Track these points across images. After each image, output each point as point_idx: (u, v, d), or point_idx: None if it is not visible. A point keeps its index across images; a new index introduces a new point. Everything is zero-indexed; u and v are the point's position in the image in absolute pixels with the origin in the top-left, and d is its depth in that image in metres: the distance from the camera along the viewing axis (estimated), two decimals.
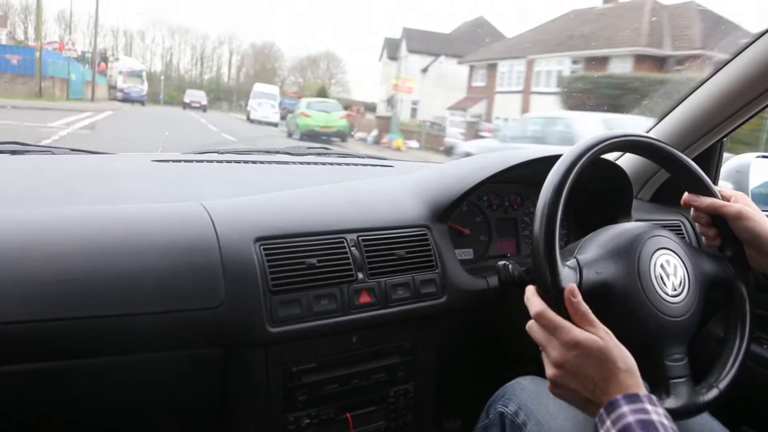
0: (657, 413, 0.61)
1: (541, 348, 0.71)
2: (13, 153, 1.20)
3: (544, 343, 0.70)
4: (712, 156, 1.40)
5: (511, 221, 1.30)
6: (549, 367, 0.69)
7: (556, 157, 0.77)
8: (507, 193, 1.30)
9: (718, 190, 0.85)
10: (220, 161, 1.38)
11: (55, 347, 0.73)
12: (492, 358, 1.24)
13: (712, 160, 1.41)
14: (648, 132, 1.39)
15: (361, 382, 0.98)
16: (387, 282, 0.96)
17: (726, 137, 1.32)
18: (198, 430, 0.94)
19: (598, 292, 0.73)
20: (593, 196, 1.20)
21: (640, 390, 0.63)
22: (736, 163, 1.46)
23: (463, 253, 1.21)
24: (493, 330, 1.16)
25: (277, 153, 1.56)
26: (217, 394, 0.88)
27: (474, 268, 1.12)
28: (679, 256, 0.79)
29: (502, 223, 1.28)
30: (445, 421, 1.34)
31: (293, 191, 1.07)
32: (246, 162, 1.39)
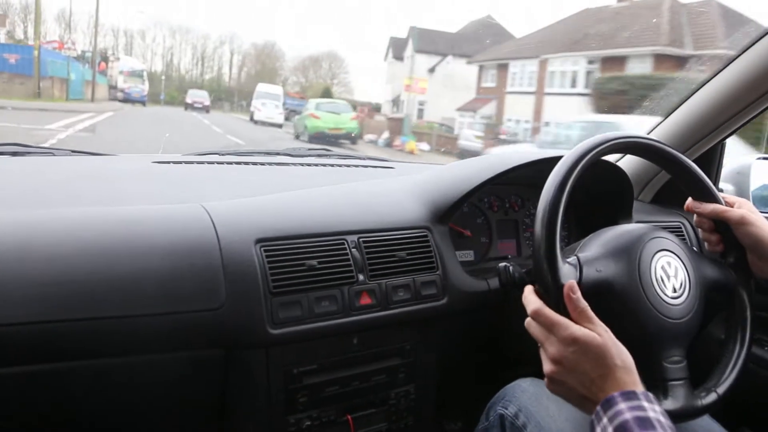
0: (654, 410, 0.61)
1: (539, 344, 0.71)
2: (14, 154, 1.20)
3: (542, 339, 0.70)
4: (713, 157, 1.40)
5: (511, 223, 1.30)
6: (546, 363, 0.69)
7: (557, 159, 0.77)
8: (508, 195, 1.30)
9: (722, 196, 0.85)
10: (221, 163, 1.38)
11: (55, 349, 0.73)
12: (492, 359, 1.24)
13: (712, 162, 1.40)
14: (649, 133, 1.39)
15: (362, 384, 0.98)
16: (387, 283, 0.96)
17: (726, 138, 1.32)
18: (198, 431, 0.94)
19: (597, 290, 0.73)
20: (594, 198, 1.20)
21: (638, 387, 0.63)
22: (737, 165, 1.46)
23: (464, 255, 1.21)
24: (493, 332, 1.16)
25: (277, 154, 1.56)
26: (217, 395, 0.88)
27: (475, 270, 1.12)
28: (680, 259, 0.80)
29: (503, 224, 1.28)
30: (446, 422, 1.34)
31: (294, 193, 1.07)
32: (247, 163, 1.39)
